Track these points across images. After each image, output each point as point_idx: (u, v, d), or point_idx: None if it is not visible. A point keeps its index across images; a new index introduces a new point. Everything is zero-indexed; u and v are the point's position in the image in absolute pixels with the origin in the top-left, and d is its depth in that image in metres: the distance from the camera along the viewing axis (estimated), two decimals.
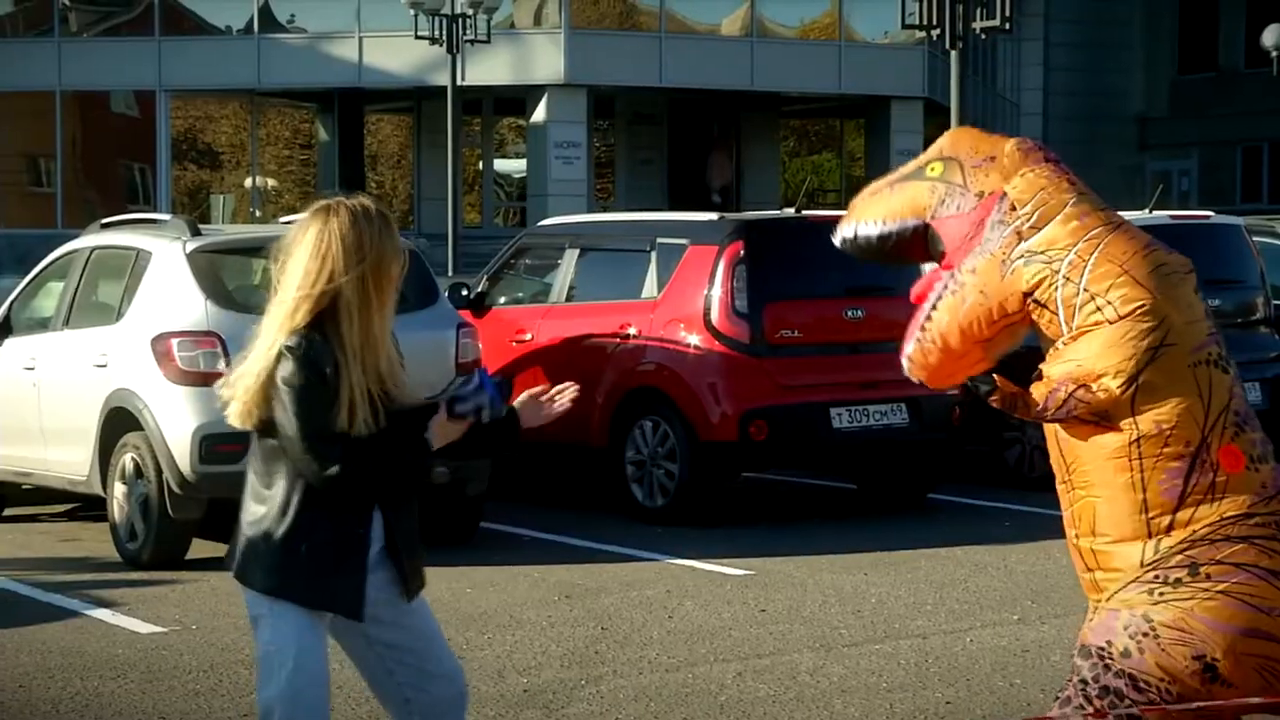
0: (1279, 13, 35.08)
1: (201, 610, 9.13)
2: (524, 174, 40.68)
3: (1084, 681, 5.36)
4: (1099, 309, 5.51)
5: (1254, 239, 13.99)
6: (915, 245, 5.68)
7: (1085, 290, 5.51)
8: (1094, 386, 5.48)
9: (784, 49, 39.80)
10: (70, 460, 11.08)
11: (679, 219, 13.14)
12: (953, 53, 20.45)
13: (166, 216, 12.16)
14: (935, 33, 20.33)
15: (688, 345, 11.81)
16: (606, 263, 12.92)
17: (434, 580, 9.63)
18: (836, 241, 5.71)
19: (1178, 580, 5.39)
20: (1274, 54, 34.37)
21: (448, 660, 5.02)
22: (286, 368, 4.63)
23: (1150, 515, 5.43)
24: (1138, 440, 5.52)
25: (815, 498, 13.20)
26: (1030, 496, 12.12)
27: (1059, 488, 5.61)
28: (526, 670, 7.90)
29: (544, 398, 4.95)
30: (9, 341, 11.84)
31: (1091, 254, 5.56)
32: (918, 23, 20.57)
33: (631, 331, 12.12)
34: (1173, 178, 45.77)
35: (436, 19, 32.59)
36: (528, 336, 12.74)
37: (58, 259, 12.06)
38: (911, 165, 5.80)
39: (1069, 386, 5.46)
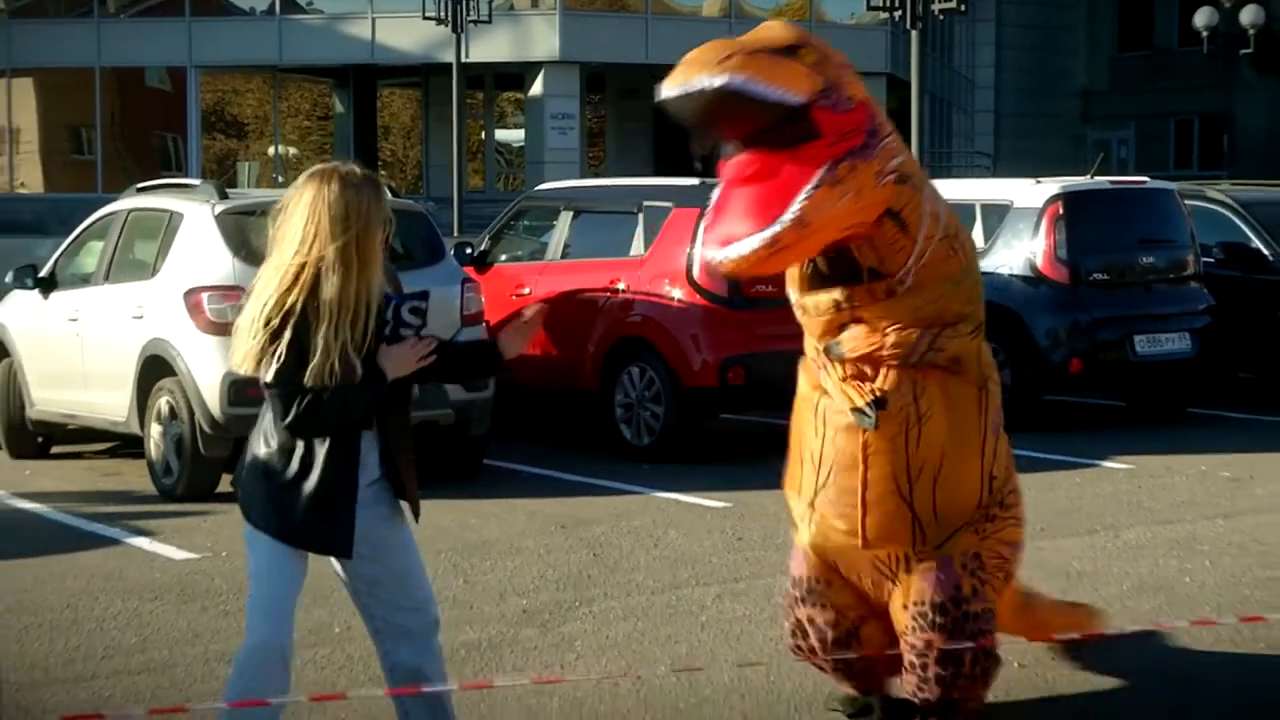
0: None
1: (231, 538, 9.13)
2: (523, 143, 40.58)
3: (945, 630, 5.41)
4: (954, 250, 5.46)
5: (1185, 202, 13.99)
6: (762, 118, 5.12)
7: (945, 229, 5.43)
8: (950, 333, 5.42)
9: None
10: (111, 403, 11.07)
11: (664, 184, 13.10)
12: (913, 32, 20.40)
13: (197, 181, 12.11)
14: (897, 14, 20.27)
15: (672, 299, 11.80)
16: (598, 224, 12.89)
17: (441, 511, 9.69)
18: (677, 89, 5.08)
19: (994, 515, 5.58)
20: (1204, 34, 34.31)
21: (420, 593, 4.96)
22: (271, 334, 4.63)
23: (985, 454, 5.54)
24: (984, 385, 5.55)
25: (788, 437, 13.20)
26: None
27: (874, 443, 5.40)
28: (525, 592, 7.92)
29: (518, 324, 4.97)
30: (54, 295, 11.81)
31: (937, 195, 5.51)
32: (881, 5, 20.51)
33: (621, 286, 12.10)
34: (1112, 146, 45.73)
35: (443, 1, 32.45)
36: (526, 290, 12.72)
37: (98, 220, 12.02)
38: (763, 40, 5.22)
39: (928, 335, 5.36)
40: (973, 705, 5.59)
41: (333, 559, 4.89)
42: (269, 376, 4.67)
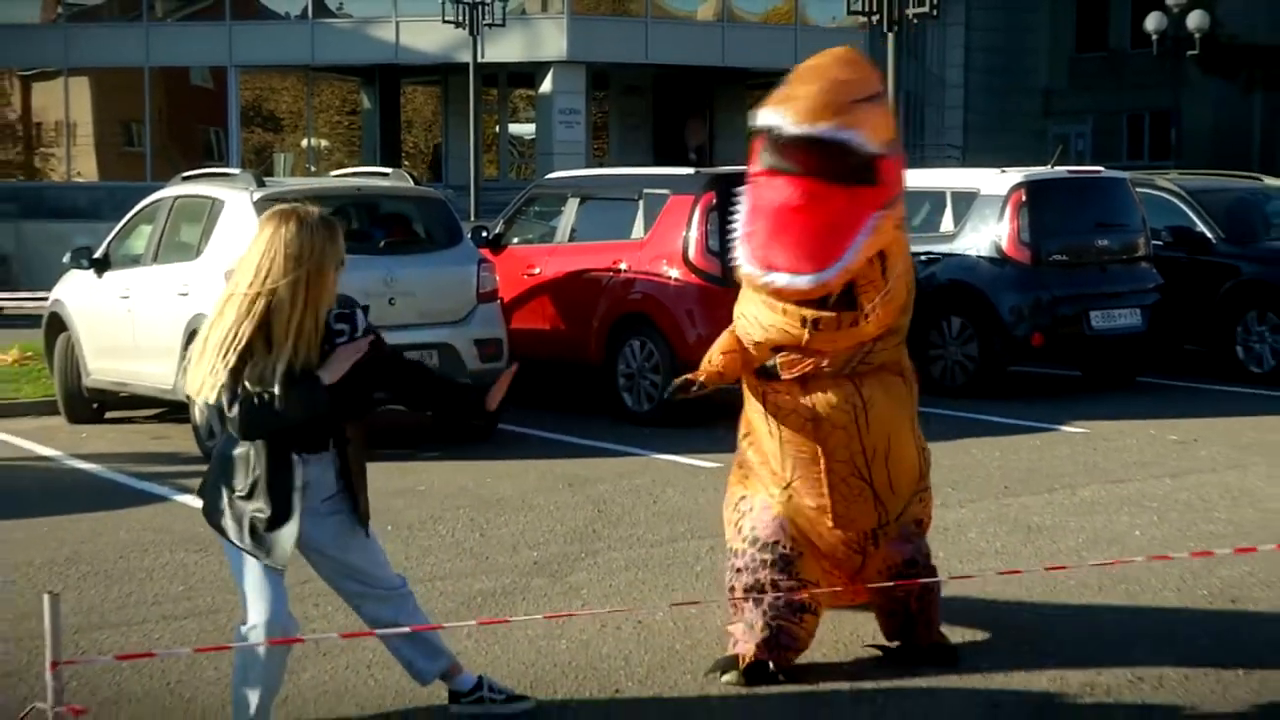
0: (1159, 1, 34.91)
1: None
2: (533, 136, 40.50)
3: (924, 580, 5.63)
4: (910, 280, 5.58)
5: (1137, 190, 13.97)
6: (846, 162, 4.99)
7: (906, 258, 5.52)
8: (881, 345, 5.51)
9: (750, 32, 39.56)
10: (159, 372, 11.07)
11: (662, 173, 13.07)
12: (889, 35, 20.30)
13: (237, 171, 12.08)
14: (875, 18, 20.18)
15: (669, 278, 11.78)
16: (602, 209, 12.86)
17: (459, 471, 9.69)
18: (803, 130, 4.85)
19: (926, 486, 5.85)
20: (1155, 37, 34.23)
21: (386, 582, 4.99)
22: (225, 364, 4.61)
23: (916, 433, 5.74)
24: (904, 374, 5.70)
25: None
26: (950, 403, 12.14)
27: (836, 439, 5.46)
28: (536, 545, 7.93)
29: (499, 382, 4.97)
30: (108, 275, 11.80)
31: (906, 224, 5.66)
32: (861, 9, 20.43)
33: (622, 267, 12.09)
34: (1071, 140, 45.65)
35: (461, 5, 32.36)
36: (537, 270, 12.71)
37: (147, 206, 12.00)
38: (859, 84, 5.03)
39: (861, 351, 5.46)
40: (938, 636, 5.76)
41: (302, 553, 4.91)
42: (221, 397, 4.63)
